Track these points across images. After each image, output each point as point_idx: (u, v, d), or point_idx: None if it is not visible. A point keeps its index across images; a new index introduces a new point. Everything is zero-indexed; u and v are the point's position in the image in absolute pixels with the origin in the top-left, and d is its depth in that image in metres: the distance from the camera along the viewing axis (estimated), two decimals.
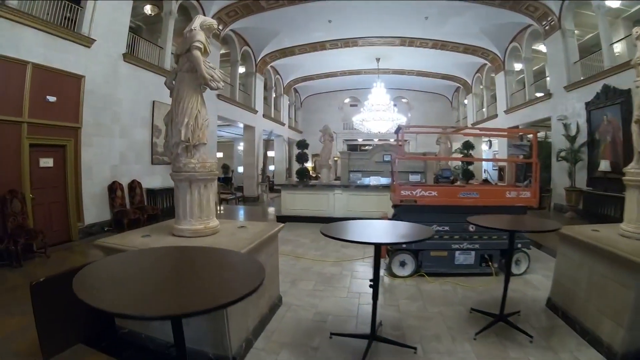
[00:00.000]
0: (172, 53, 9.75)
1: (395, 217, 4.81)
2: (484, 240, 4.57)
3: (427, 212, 4.57)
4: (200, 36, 2.86)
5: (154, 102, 8.92)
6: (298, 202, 8.73)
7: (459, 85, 20.68)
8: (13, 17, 5.66)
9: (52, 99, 6.37)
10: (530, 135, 5.93)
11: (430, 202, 4.60)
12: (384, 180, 8.89)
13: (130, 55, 8.23)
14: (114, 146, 7.82)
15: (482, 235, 4.56)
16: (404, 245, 4.43)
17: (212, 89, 3.03)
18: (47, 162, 6.49)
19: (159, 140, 9.10)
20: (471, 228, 4.52)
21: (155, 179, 9.16)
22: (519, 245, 4.51)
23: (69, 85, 6.70)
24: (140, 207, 8.14)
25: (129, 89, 8.16)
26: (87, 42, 7.00)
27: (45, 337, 2.60)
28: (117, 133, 7.87)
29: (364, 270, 5.01)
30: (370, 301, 2.81)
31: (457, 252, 4.59)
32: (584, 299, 3.05)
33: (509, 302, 3.22)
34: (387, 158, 9.81)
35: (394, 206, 4.84)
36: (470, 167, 12.43)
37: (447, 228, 4.61)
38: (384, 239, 2.84)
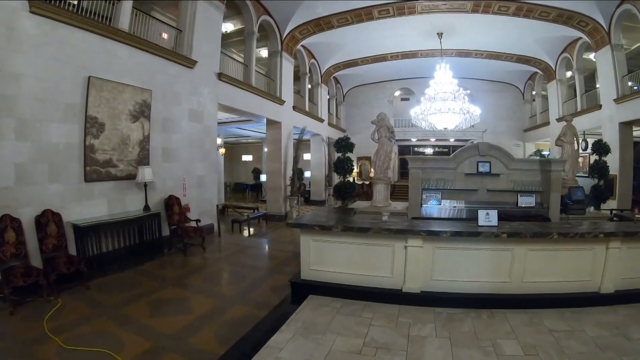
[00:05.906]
0: (134, 8, 6.32)
1: None
2: None
3: None
4: None
5: (89, 78, 5.44)
6: (333, 257, 4.36)
7: (536, 70, 16.27)
8: None
9: None
10: None
11: None
12: (490, 215, 4.50)
13: (44, 3, 4.79)
14: (2, 155, 4.42)
15: None
16: None
17: None
18: None
19: (99, 142, 5.64)
20: None
21: (93, 206, 5.63)
22: None
23: None
24: (52, 259, 4.66)
25: (37, 59, 4.73)
26: None
27: None
28: (11, 132, 4.46)
29: None
30: None
31: None
32: None
33: None
34: (484, 168, 5.74)
35: None
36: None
37: None
38: None
